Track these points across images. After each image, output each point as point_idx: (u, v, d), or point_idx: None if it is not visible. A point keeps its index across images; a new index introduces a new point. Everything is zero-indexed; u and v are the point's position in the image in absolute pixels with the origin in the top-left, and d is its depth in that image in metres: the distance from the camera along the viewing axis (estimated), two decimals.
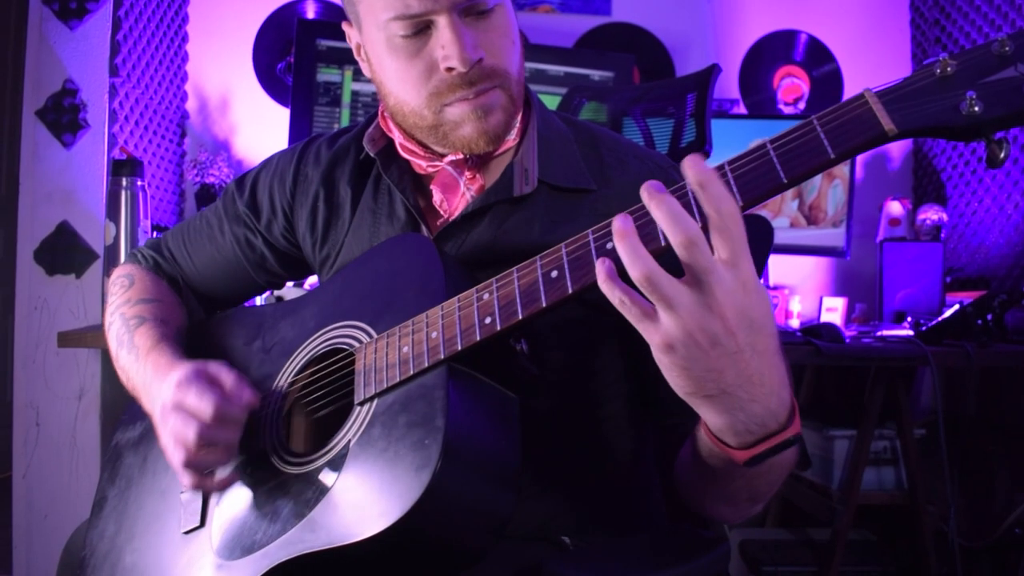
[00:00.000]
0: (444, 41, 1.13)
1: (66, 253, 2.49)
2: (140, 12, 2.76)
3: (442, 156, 1.26)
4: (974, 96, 0.81)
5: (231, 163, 3.06)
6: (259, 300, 2.44)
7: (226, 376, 1.14)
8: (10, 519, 2.50)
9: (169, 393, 1.13)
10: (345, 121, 2.91)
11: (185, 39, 3.16)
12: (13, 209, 2.51)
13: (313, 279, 2.53)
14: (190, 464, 1.10)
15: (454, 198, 1.28)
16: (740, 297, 0.82)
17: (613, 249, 0.86)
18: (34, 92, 2.50)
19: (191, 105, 3.19)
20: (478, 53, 1.14)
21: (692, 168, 0.82)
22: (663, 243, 0.85)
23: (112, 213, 2.32)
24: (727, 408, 0.88)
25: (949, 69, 0.83)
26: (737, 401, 0.87)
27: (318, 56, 2.88)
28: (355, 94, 2.91)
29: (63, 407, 2.46)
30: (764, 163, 0.86)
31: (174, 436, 1.11)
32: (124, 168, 2.35)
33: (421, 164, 1.29)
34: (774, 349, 0.87)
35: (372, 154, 1.32)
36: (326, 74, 2.89)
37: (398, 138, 1.30)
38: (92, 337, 2.27)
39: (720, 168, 0.88)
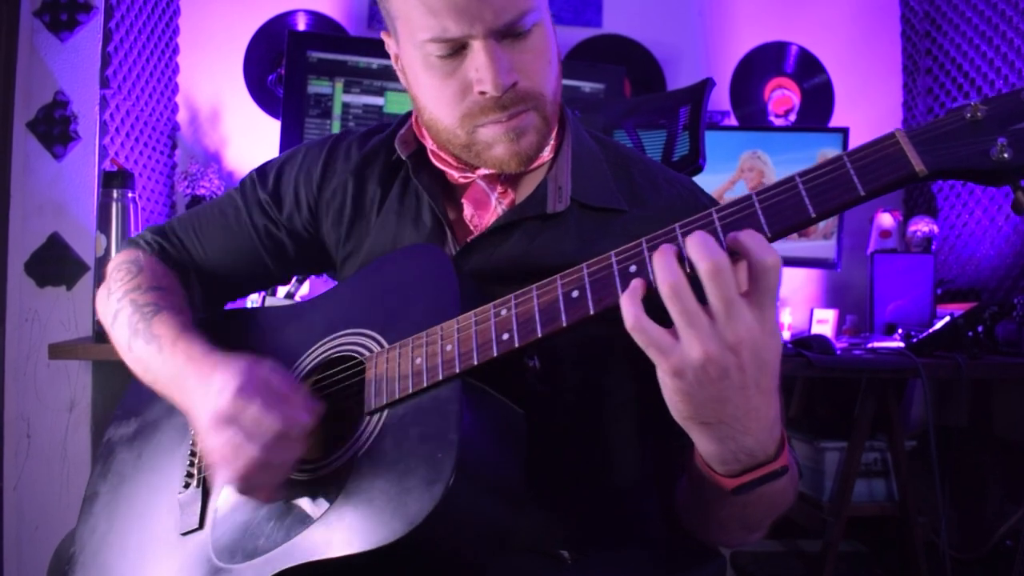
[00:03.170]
0: (478, 64, 1.12)
1: (57, 265, 2.49)
2: (131, 24, 2.75)
3: (475, 168, 1.26)
4: (1004, 143, 0.82)
5: (222, 175, 3.05)
6: (249, 302, 2.44)
7: (288, 386, 1.08)
8: (1, 530, 2.48)
9: (224, 402, 1.04)
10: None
11: (176, 51, 3.15)
12: (4, 221, 2.50)
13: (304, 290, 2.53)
14: (241, 484, 1.04)
15: (485, 214, 1.27)
16: (758, 336, 0.85)
17: (635, 273, 0.89)
18: (25, 104, 2.50)
19: (182, 117, 3.18)
20: (512, 77, 1.13)
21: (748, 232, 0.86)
22: (688, 270, 0.86)
23: (103, 225, 2.31)
24: (720, 437, 0.91)
25: (979, 114, 0.85)
26: (731, 431, 0.90)
27: (309, 68, 2.87)
28: (346, 106, 2.90)
29: (54, 419, 2.46)
30: (792, 196, 0.88)
31: (223, 453, 1.03)
32: (115, 180, 2.33)
33: (453, 175, 1.29)
34: (775, 388, 0.90)
35: (404, 157, 1.31)
36: (317, 86, 2.89)
37: (431, 146, 1.29)
38: (83, 349, 2.27)
39: (747, 199, 0.89)
